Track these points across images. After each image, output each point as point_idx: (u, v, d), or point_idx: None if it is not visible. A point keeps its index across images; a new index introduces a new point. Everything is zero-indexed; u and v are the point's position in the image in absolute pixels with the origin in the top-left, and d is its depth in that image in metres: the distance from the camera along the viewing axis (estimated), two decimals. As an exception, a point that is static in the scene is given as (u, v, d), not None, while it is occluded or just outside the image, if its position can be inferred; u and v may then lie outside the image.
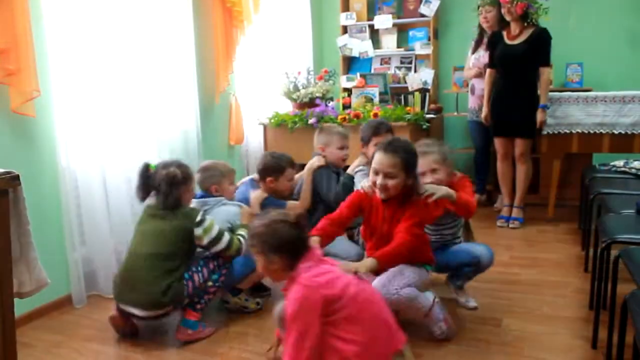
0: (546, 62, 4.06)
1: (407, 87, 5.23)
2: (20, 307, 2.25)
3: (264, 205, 2.97)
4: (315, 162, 3.24)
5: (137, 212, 3.06)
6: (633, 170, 3.59)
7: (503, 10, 4.07)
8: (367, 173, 2.52)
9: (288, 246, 1.88)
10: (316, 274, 1.84)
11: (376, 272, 2.23)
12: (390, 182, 2.27)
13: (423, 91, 5.21)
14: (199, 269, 2.57)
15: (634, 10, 4.88)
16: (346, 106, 4.64)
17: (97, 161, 3.07)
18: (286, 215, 1.95)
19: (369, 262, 2.14)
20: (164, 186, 2.54)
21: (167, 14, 3.58)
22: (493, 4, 4.29)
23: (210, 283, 2.59)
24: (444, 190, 2.43)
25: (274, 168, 3.06)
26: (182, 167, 2.63)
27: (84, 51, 2.99)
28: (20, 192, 1.64)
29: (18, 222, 1.66)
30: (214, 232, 2.55)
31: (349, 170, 3.23)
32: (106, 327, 2.68)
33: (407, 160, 2.29)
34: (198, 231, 2.52)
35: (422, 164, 2.50)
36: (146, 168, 2.63)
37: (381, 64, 5.70)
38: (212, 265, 2.60)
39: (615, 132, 4.01)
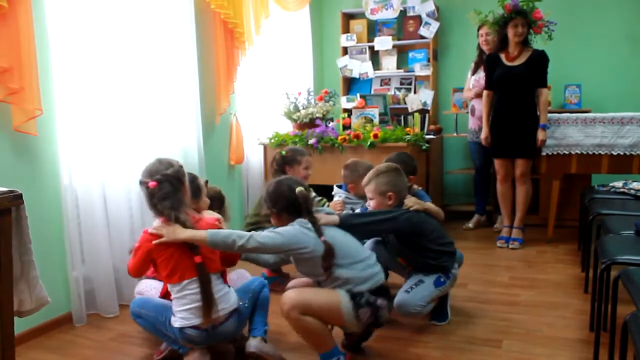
0: (543, 84, 4.11)
1: (406, 108, 5.28)
2: (20, 325, 2.24)
3: None
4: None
5: (137, 231, 3.07)
6: (632, 191, 3.60)
7: (513, 32, 4.08)
8: None
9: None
10: None
11: None
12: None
13: (423, 112, 5.26)
14: None
15: (632, 32, 4.94)
16: (346, 127, 4.66)
17: (98, 180, 3.08)
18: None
19: None
20: None
21: (169, 35, 3.61)
22: (494, 27, 4.32)
23: None
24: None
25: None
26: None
27: (86, 70, 3.02)
28: (23, 210, 1.64)
29: (20, 240, 1.66)
30: None
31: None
32: (104, 347, 2.67)
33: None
34: None
35: None
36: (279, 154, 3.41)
37: (381, 85, 5.75)
38: None
39: (614, 153, 4.04)
